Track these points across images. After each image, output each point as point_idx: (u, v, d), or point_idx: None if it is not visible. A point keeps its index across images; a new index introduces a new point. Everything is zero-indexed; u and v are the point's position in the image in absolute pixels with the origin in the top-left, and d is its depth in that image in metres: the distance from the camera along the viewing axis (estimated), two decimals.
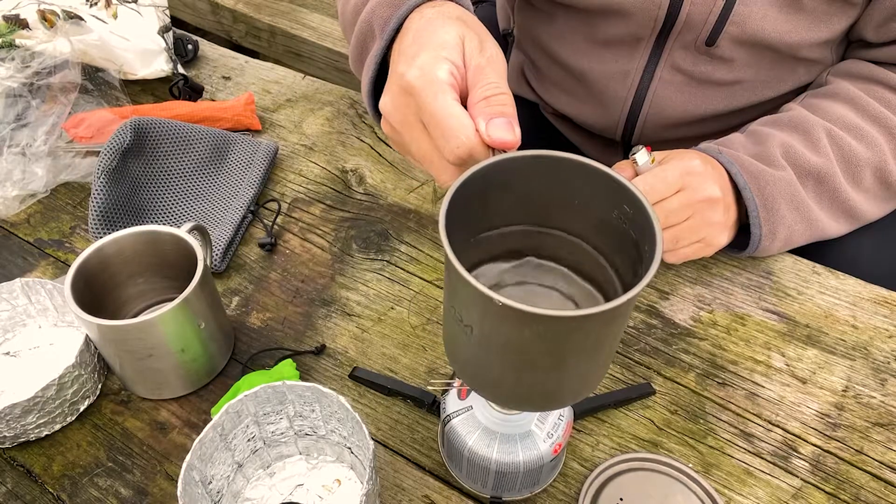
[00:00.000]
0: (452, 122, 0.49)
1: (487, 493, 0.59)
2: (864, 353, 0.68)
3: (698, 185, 0.67)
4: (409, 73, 0.51)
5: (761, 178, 0.70)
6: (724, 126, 0.88)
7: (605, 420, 0.64)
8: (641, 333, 0.70)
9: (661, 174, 0.66)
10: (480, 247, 0.50)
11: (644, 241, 0.43)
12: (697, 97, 0.84)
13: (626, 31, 0.80)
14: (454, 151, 0.49)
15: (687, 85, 0.83)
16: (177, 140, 0.82)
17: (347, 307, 0.73)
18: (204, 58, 1.03)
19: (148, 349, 0.61)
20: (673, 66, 0.82)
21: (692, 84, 0.83)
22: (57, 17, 0.89)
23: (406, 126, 0.53)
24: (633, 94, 0.85)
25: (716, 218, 0.68)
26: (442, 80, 0.50)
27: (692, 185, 0.66)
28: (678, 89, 0.83)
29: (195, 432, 0.63)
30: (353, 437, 0.57)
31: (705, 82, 0.82)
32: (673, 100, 0.84)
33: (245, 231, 0.80)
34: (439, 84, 0.50)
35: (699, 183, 0.67)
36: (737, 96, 0.84)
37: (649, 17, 0.77)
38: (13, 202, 0.82)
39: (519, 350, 0.42)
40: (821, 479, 0.60)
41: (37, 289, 0.68)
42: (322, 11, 1.60)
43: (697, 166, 0.67)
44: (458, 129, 0.48)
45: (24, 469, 0.62)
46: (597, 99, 0.89)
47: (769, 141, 0.73)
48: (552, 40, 0.90)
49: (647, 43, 0.81)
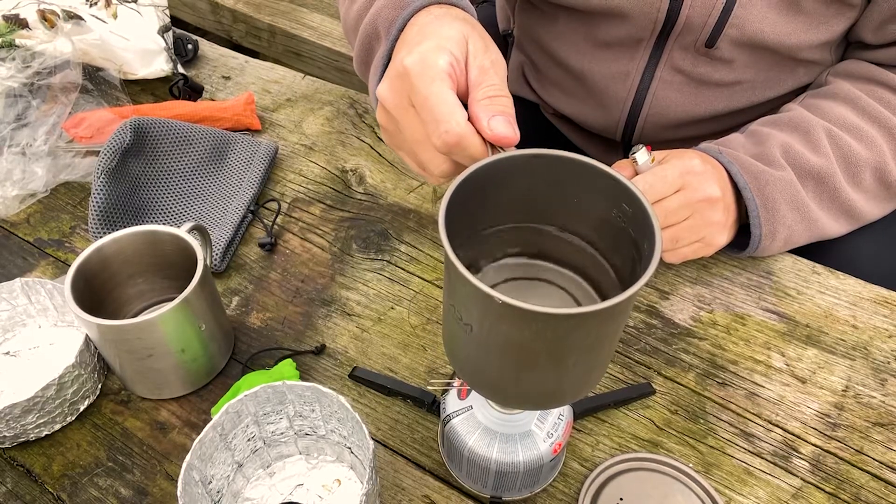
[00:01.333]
0: (444, 108, 0.49)
1: (487, 493, 0.59)
2: (864, 353, 0.68)
3: (698, 184, 0.67)
4: (407, 59, 0.51)
5: (761, 178, 0.70)
6: (724, 126, 0.88)
7: (605, 420, 0.64)
8: (641, 333, 0.70)
9: (661, 173, 0.66)
10: (480, 246, 0.50)
11: (643, 240, 0.43)
12: (697, 98, 0.84)
13: (626, 32, 0.81)
14: (442, 136, 0.48)
15: (687, 85, 0.83)
16: (177, 140, 0.82)
17: (347, 307, 0.73)
18: (204, 58, 1.03)
19: (148, 349, 0.61)
20: (673, 66, 0.82)
21: (692, 85, 0.83)
22: (57, 17, 0.89)
23: (400, 110, 0.53)
24: (634, 94, 0.85)
25: (715, 217, 0.68)
26: (440, 67, 0.50)
27: (692, 185, 0.66)
28: (678, 90, 0.83)
29: (195, 432, 0.63)
30: (353, 437, 0.57)
31: (705, 83, 0.83)
32: (673, 100, 0.84)
33: (245, 231, 0.80)
34: (437, 70, 0.50)
35: (699, 182, 0.67)
36: (737, 97, 0.84)
37: (649, 18, 0.77)
38: (13, 202, 0.82)
39: (519, 348, 0.42)
40: (821, 479, 0.60)
41: (37, 289, 0.68)
42: (322, 11, 1.60)
43: (697, 166, 0.67)
44: (449, 114, 0.48)
45: (24, 469, 0.62)
46: (597, 99, 0.89)
47: (769, 141, 0.73)
48: (553, 41, 0.90)
49: (647, 44, 0.81)
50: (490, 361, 0.44)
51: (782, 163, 0.71)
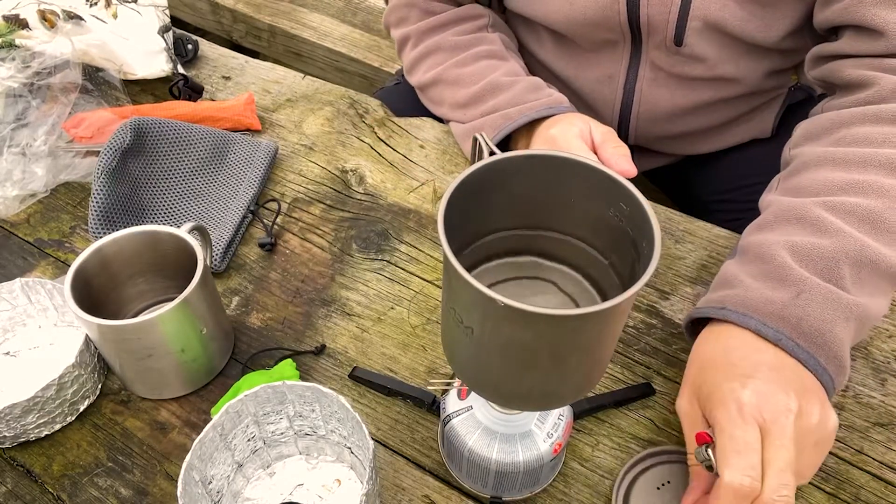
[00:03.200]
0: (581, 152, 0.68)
1: (487, 493, 0.59)
2: (864, 353, 0.68)
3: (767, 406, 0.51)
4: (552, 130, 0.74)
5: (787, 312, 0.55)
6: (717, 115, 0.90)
7: (605, 420, 0.64)
8: (641, 333, 0.70)
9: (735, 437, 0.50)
10: (479, 247, 0.50)
11: (642, 239, 0.43)
12: (684, 91, 0.86)
13: (601, 38, 0.83)
14: None
15: (671, 81, 0.85)
16: (177, 140, 0.82)
17: (347, 307, 0.73)
18: (204, 58, 1.03)
19: (148, 349, 0.61)
20: (653, 65, 0.85)
21: (675, 80, 0.85)
22: (57, 17, 0.89)
23: None
24: (622, 95, 0.88)
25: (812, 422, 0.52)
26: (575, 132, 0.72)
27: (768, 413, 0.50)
28: (663, 86, 0.86)
29: (195, 432, 0.63)
30: (353, 437, 0.57)
31: (687, 79, 0.84)
32: (661, 96, 0.86)
33: (245, 231, 0.80)
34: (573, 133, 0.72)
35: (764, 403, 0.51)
36: (722, 89, 0.85)
37: (615, 23, 0.80)
38: (13, 202, 0.82)
39: (520, 350, 0.42)
40: (821, 479, 0.60)
41: (37, 289, 0.68)
42: (322, 11, 1.60)
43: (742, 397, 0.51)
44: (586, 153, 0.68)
45: (24, 469, 0.62)
46: (587, 103, 0.92)
47: (770, 250, 0.59)
48: (538, 49, 0.93)
49: (624, 47, 0.84)
50: (491, 363, 0.44)
51: (799, 271, 0.57)
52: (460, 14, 0.89)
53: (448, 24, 0.89)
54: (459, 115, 0.85)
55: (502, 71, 0.83)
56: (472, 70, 0.84)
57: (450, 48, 0.87)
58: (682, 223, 0.79)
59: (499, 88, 0.81)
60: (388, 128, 0.92)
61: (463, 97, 0.83)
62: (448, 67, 0.86)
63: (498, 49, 0.86)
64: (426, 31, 0.89)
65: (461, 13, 0.89)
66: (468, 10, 0.90)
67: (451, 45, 0.87)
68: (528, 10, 0.86)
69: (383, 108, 0.94)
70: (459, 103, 0.84)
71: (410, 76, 0.92)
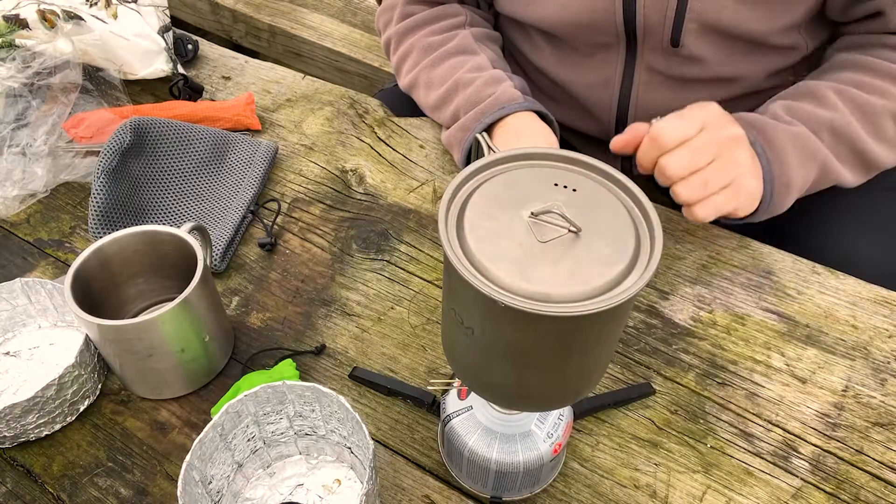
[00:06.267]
0: None
1: (487, 493, 0.59)
2: (864, 353, 0.68)
3: (722, 124, 0.67)
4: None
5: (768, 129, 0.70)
6: None
7: (605, 420, 0.64)
8: (641, 333, 0.70)
9: (682, 115, 0.67)
10: None
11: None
12: (681, 94, 0.85)
13: (595, 41, 0.83)
14: None
15: (667, 84, 0.85)
16: (177, 140, 0.82)
17: (347, 307, 0.73)
18: (204, 58, 1.03)
19: (148, 349, 0.61)
20: (649, 68, 0.83)
21: (672, 83, 0.85)
22: (57, 17, 0.89)
23: None
24: (618, 99, 0.88)
25: (742, 157, 0.67)
26: None
27: (715, 124, 0.66)
28: (660, 89, 0.85)
29: (195, 432, 0.63)
30: (353, 437, 0.57)
31: (684, 81, 0.84)
32: (657, 99, 0.86)
33: (245, 231, 0.80)
34: None
35: (722, 122, 0.67)
36: (720, 90, 0.85)
37: (610, 26, 0.79)
38: (13, 202, 0.82)
39: (521, 349, 0.42)
40: (821, 479, 0.60)
41: (37, 289, 0.68)
42: (322, 11, 1.60)
43: (717, 109, 0.68)
44: None
45: (24, 469, 0.62)
46: (583, 107, 0.92)
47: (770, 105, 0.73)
48: (532, 53, 0.93)
49: (618, 50, 0.83)
50: (492, 364, 0.44)
51: (788, 118, 0.71)
52: (435, 14, 0.89)
53: (422, 24, 0.89)
54: (436, 117, 0.87)
55: (467, 67, 0.83)
56: (441, 71, 0.85)
57: (422, 49, 0.87)
58: (682, 223, 0.79)
59: (460, 86, 0.82)
60: (388, 128, 0.92)
61: (433, 100, 0.85)
62: (421, 70, 0.87)
63: (467, 44, 0.86)
64: (404, 34, 0.90)
65: (436, 13, 0.89)
66: (444, 9, 0.90)
67: (424, 47, 0.87)
68: (521, 12, 0.86)
69: (383, 108, 0.94)
70: (431, 106, 0.86)
71: (398, 80, 0.93)
